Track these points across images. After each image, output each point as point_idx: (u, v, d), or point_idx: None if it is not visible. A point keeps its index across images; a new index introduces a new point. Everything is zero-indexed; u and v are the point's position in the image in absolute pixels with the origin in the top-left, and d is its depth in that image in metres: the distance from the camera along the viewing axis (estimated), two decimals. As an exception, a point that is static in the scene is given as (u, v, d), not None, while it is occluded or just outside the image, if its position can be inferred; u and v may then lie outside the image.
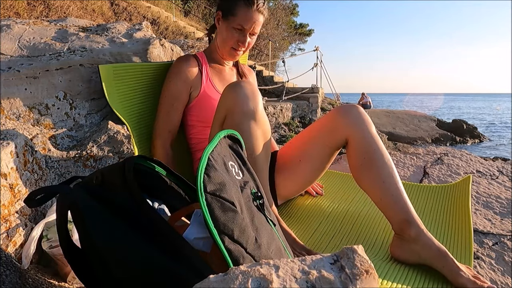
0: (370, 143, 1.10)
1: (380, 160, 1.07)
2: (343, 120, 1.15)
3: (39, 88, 1.21)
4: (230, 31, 1.25)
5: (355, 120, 1.13)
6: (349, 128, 1.13)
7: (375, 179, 1.05)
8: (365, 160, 1.09)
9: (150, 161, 0.73)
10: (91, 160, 1.17)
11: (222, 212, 0.57)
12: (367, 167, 1.08)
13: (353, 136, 1.13)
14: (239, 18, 1.23)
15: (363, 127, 1.12)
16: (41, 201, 0.62)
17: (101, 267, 0.57)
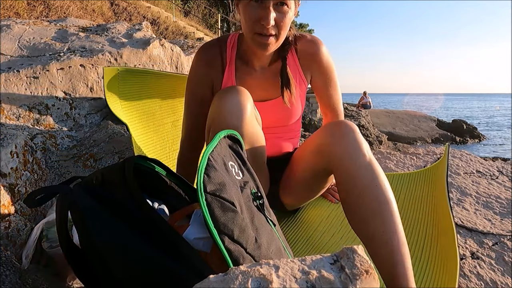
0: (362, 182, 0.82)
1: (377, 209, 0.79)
2: (328, 146, 0.90)
3: (39, 88, 1.21)
4: (248, 8, 0.93)
5: (343, 147, 0.86)
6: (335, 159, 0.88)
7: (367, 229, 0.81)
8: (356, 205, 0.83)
9: (150, 161, 0.73)
10: (91, 160, 1.17)
11: (222, 212, 0.57)
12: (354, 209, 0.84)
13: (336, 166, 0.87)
14: None
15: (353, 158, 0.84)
16: (41, 201, 0.62)
17: (101, 267, 0.57)
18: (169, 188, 0.75)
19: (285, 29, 0.96)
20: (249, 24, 0.94)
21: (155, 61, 1.55)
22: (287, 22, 0.95)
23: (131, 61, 1.46)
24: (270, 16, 0.90)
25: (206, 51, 1.09)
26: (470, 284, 1.12)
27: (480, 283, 1.13)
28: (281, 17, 0.93)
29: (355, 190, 0.83)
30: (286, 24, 0.95)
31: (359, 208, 0.82)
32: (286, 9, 0.93)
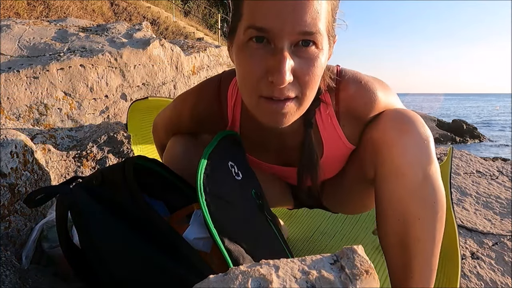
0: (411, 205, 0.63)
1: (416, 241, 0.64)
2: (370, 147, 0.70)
3: (39, 88, 1.21)
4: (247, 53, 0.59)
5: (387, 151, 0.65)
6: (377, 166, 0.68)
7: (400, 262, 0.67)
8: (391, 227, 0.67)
9: (150, 161, 0.73)
10: (91, 160, 1.17)
11: (222, 212, 0.57)
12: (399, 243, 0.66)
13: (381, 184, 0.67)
14: (252, 7, 0.57)
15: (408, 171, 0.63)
16: (41, 202, 0.62)
17: (101, 267, 0.57)
18: (169, 188, 0.75)
19: (314, 85, 0.60)
20: (250, 82, 0.60)
21: (155, 61, 1.55)
22: (316, 74, 0.59)
23: (131, 61, 1.46)
24: (286, 67, 0.55)
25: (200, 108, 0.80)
26: (470, 284, 1.12)
27: (480, 283, 1.13)
28: (307, 65, 0.58)
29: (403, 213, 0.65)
30: (315, 77, 0.59)
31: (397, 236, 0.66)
32: (314, 51, 0.58)
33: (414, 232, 0.64)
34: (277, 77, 0.56)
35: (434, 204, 0.64)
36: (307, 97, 0.62)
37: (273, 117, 0.61)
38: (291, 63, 0.57)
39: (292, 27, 0.55)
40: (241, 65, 0.61)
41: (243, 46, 0.59)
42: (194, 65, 1.91)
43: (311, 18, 0.56)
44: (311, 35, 0.56)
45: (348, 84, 0.71)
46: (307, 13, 0.55)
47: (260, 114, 0.63)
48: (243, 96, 0.66)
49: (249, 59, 0.59)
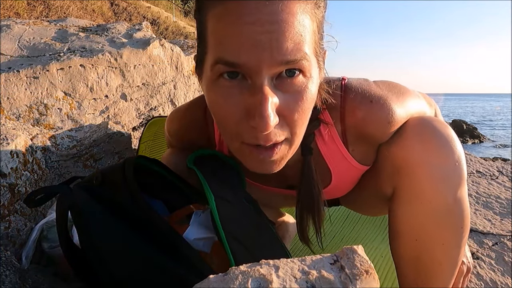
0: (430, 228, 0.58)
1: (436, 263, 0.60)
2: (390, 164, 0.61)
3: (39, 88, 1.21)
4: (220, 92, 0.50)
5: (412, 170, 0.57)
6: (398, 183, 0.60)
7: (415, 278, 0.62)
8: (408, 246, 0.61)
9: (150, 161, 0.73)
10: (91, 160, 1.17)
11: (229, 213, 0.57)
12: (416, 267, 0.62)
13: (403, 204, 0.60)
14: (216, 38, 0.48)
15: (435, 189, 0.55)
16: (40, 202, 0.62)
17: (101, 267, 0.57)
18: (169, 188, 0.75)
19: (304, 121, 0.52)
20: (227, 127, 0.52)
21: (155, 61, 1.55)
22: (307, 108, 0.51)
23: (131, 61, 1.46)
24: (268, 109, 0.45)
25: (185, 133, 0.76)
26: (470, 284, 1.12)
27: (480, 283, 1.13)
28: (294, 100, 0.49)
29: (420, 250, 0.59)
30: (306, 112, 0.51)
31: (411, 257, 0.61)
32: (302, 81, 0.49)
33: (436, 256, 0.59)
34: (259, 122, 0.46)
35: (461, 229, 0.58)
36: (299, 135, 0.53)
37: (261, 166, 0.53)
38: (274, 101, 0.47)
39: (271, 58, 0.45)
40: (214, 107, 0.52)
41: (213, 84, 0.49)
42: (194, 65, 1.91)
43: (294, 43, 0.45)
44: (296, 63, 0.46)
45: (356, 105, 0.60)
46: (288, 38, 0.45)
47: (246, 161, 0.54)
48: (225, 140, 0.58)
49: (222, 100, 0.49)
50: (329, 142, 0.63)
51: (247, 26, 0.44)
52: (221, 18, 0.46)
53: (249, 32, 0.44)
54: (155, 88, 1.65)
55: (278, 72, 0.47)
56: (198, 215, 0.66)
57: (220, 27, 0.46)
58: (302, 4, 0.46)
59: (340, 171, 0.66)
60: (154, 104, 1.67)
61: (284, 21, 0.44)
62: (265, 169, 0.54)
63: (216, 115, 0.53)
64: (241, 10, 0.44)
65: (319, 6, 0.50)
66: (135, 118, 1.60)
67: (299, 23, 0.46)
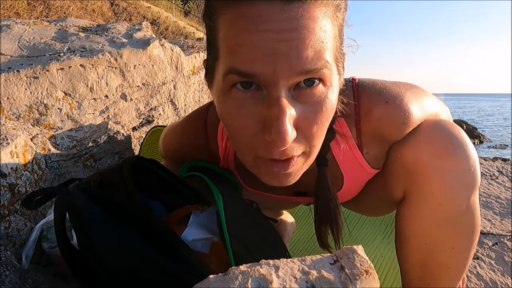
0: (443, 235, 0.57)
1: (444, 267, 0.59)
2: (401, 167, 0.59)
3: (39, 88, 1.21)
4: (233, 103, 0.47)
5: (425, 175, 0.55)
6: (409, 187, 0.59)
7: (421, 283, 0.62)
8: (416, 250, 0.61)
9: (148, 162, 0.73)
10: (91, 160, 1.17)
11: (235, 214, 0.57)
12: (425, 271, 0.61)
13: (413, 208, 0.59)
14: (228, 46, 0.45)
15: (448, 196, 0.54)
16: (39, 203, 0.62)
17: (100, 268, 0.57)
18: (167, 189, 0.75)
19: (323, 133, 0.49)
20: (241, 140, 0.49)
21: (155, 61, 1.55)
22: (326, 119, 0.48)
23: (131, 61, 1.46)
24: (286, 123, 0.42)
25: (185, 149, 0.74)
26: (470, 284, 1.12)
27: (480, 283, 1.13)
28: (313, 112, 0.46)
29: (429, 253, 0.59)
30: (324, 124, 0.48)
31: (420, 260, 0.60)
32: (322, 90, 0.46)
33: (445, 260, 0.58)
34: (276, 137, 0.42)
35: (472, 234, 0.57)
36: (317, 147, 0.50)
37: (276, 179, 0.50)
38: (292, 114, 0.43)
39: (290, 68, 0.42)
40: (226, 119, 0.48)
41: (226, 95, 0.46)
42: (194, 65, 1.91)
43: (314, 50, 0.42)
44: (316, 72, 0.43)
45: (371, 108, 0.57)
46: (308, 45, 0.41)
47: (260, 175, 0.52)
48: (236, 152, 0.54)
49: (235, 112, 0.46)
50: (344, 147, 0.61)
51: (263, 33, 0.40)
52: (234, 24, 0.43)
53: (265, 40, 0.41)
54: (155, 88, 1.65)
55: (296, 82, 0.44)
56: (197, 216, 0.66)
57: (233, 33, 0.43)
58: (323, 7, 0.43)
59: (352, 176, 0.65)
60: (154, 104, 1.68)
61: (304, 27, 0.41)
62: (279, 182, 0.51)
63: (228, 128, 0.49)
64: (256, 16, 0.40)
65: (340, 9, 0.46)
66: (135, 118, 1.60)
67: (320, 29, 0.42)
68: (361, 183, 0.69)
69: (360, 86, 0.59)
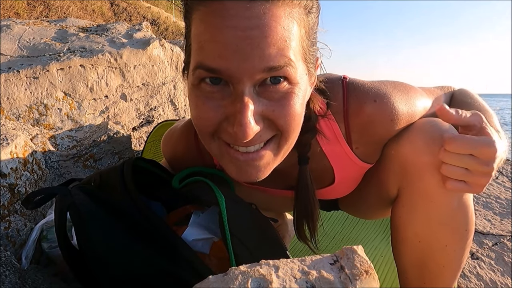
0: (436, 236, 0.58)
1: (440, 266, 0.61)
2: (395, 164, 0.61)
3: (39, 88, 1.21)
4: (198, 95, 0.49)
5: (419, 172, 0.57)
6: (403, 184, 0.61)
7: (418, 283, 0.63)
8: (412, 249, 0.62)
9: (148, 163, 0.73)
10: (91, 160, 1.17)
11: (236, 215, 0.57)
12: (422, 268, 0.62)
13: (407, 205, 0.61)
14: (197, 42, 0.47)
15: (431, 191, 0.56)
16: (39, 203, 0.62)
17: (100, 268, 0.57)
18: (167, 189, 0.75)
19: (293, 126, 0.50)
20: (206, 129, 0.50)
21: (155, 61, 1.55)
22: (295, 114, 0.49)
23: (131, 61, 1.46)
24: (247, 118, 0.45)
25: (179, 158, 0.75)
26: (470, 285, 1.12)
27: (480, 283, 1.13)
28: (280, 107, 0.48)
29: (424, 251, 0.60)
30: (294, 118, 0.49)
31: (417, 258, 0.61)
32: (287, 88, 0.47)
33: (439, 258, 0.59)
34: (238, 129, 0.45)
35: (465, 232, 0.59)
36: (288, 141, 0.51)
37: (243, 171, 0.50)
38: (257, 109, 0.46)
39: (253, 66, 0.43)
40: (194, 109, 0.49)
41: (195, 88, 0.48)
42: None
43: (277, 48, 0.43)
44: (280, 70, 0.44)
45: (360, 105, 0.59)
46: (271, 43, 0.43)
47: (227, 166, 0.51)
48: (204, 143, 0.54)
49: (202, 103, 0.47)
50: (333, 142, 0.63)
51: (230, 30, 0.42)
52: (203, 20, 0.44)
53: (230, 37, 0.42)
54: (155, 88, 1.65)
55: (261, 79, 0.45)
56: (198, 216, 0.65)
57: (202, 30, 0.45)
58: (288, 8, 0.44)
59: (343, 169, 0.66)
60: (154, 104, 1.67)
61: (266, 25, 0.42)
62: (248, 176, 0.50)
63: (195, 119, 0.50)
64: (222, 13, 0.42)
65: (309, 12, 0.48)
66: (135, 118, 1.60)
67: (283, 28, 0.44)
68: (354, 178, 0.71)
69: (350, 85, 0.61)
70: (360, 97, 0.60)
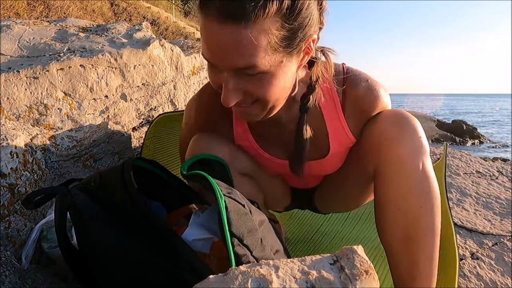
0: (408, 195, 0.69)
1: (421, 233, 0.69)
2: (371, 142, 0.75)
3: (39, 88, 1.21)
4: (208, 69, 0.67)
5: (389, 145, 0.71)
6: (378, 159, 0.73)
7: (406, 258, 0.71)
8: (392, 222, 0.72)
9: (148, 163, 0.73)
10: (91, 160, 1.17)
11: (236, 215, 0.57)
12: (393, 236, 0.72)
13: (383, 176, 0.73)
14: (202, 36, 0.62)
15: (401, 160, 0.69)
16: (39, 203, 0.62)
17: (100, 268, 0.57)
18: (167, 189, 0.75)
19: (275, 94, 0.64)
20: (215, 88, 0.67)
21: (155, 61, 1.55)
22: (276, 87, 0.62)
23: (131, 61, 1.46)
24: (228, 95, 0.62)
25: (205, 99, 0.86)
26: (470, 285, 1.12)
27: (480, 283, 1.13)
28: (259, 85, 0.61)
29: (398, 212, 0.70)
30: (275, 90, 0.63)
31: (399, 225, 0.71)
32: (263, 76, 0.60)
33: (418, 222, 0.69)
34: (222, 100, 0.63)
35: (434, 194, 0.69)
36: (271, 102, 0.65)
37: (242, 115, 0.70)
38: (238, 86, 0.62)
39: (228, 64, 0.59)
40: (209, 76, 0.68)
41: (208, 64, 0.66)
42: (194, 65, 1.91)
43: (243, 56, 0.57)
44: (249, 69, 0.59)
45: (356, 82, 0.76)
46: (239, 54, 0.57)
47: (233, 110, 0.72)
48: None
49: (209, 72, 0.66)
50: (330, 106, 0.77)
51: (210, 40, 0.58)
52: (202, 27, 0.59)
53: (211, 45, 0.59)
54: (155, 89, 1.65)
55: (235, 69, 0.60)
56: (198, 216, 0.66)
57: (202, 31, 0.60)
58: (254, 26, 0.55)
59: (336, 136, 0.80)
60: (154, 105, 1.67)
61: (234, 41, 0.56)
62: (246, 118, 0.71)
63: None
64: (207, 27, 0.57)
65: (280, 12, 0.56)
66: (135, 118, 1.60)
67: (249, 43, 0.55)
68: (343, 151, 0.84)
69: (348, 68, 0.78)
70: (356, 76, 0.76)
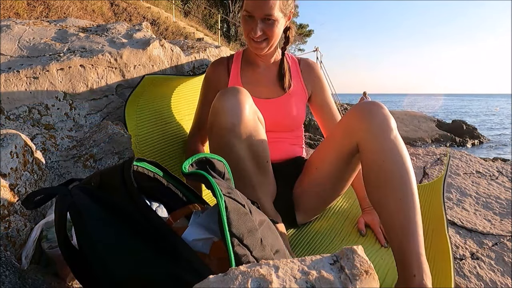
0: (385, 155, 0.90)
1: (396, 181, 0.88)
2: (355, 121, 0.98)
3: (39, 88, 1.21)
4: (244, 19, 1.16)
5: (369, 122, 0.94)
6: (360, 133, 0.96)
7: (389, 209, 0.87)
8: (376, 177, 0.92)
9: (148, 163, 0.73)
10: (91, 160, 1.17)
11: (236, 215, 0.57)
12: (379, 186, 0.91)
13: (365, 143, 0.96)
14: (245, 3, 1.14)
15: (379, 132, 0.93)
16: (39, 203, 0.62)
17: (100, 268, 0.57)
18: (167, 189, 0.75)
19: (275, 36, 1.18)
20: (244, 32, 1.21)
21: (155, 61, 1.55)
22: (275, 31, 1.17)
23: (131, 61, 1.46)
24: (257, 29, 1.14)
25: (217, 61, 1.36)
26: (470, 285, 1.12)
27: (480, 283, 1.13)
28: (269, 28, 1.16)
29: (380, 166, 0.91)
30: (275, 33, 1.17)
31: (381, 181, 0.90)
32: (273, 23, 1.15)
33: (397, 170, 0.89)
34: (253, 33, 1.16)
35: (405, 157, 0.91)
36: (272, 40, 1.19)
37: (256, 49, 1.21)
38: (260, 26, 1.14)
39: (260, 13, 1.12)
40: (242, 24, 1.20)
41: (243, 17, 1.17)
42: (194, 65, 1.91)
43: (269, 8, 1.11)
44: (270, 16, 1.13)
45: (305, 59, 1.38)
46: (266, 6, 1.11)
47: (251, 46, 1.22)
48: (244, 37, 1.23)
49: (245, 23, 1.18)
50: (292, 64, 1.36)
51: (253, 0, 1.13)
52: None
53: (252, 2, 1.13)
54: (155, 89, 1.65)
55: (263, 17, 1.14)
56: (198, 216, 0.66)
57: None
58: None
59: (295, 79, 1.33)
60: (154, 104, 1.67)
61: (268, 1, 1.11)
62: (257, 50, 1.22)
63: (243, 28, 1.21)
64: None
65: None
66: (135, 118, 1.59)
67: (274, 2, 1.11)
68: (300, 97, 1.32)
69: None
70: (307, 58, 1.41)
